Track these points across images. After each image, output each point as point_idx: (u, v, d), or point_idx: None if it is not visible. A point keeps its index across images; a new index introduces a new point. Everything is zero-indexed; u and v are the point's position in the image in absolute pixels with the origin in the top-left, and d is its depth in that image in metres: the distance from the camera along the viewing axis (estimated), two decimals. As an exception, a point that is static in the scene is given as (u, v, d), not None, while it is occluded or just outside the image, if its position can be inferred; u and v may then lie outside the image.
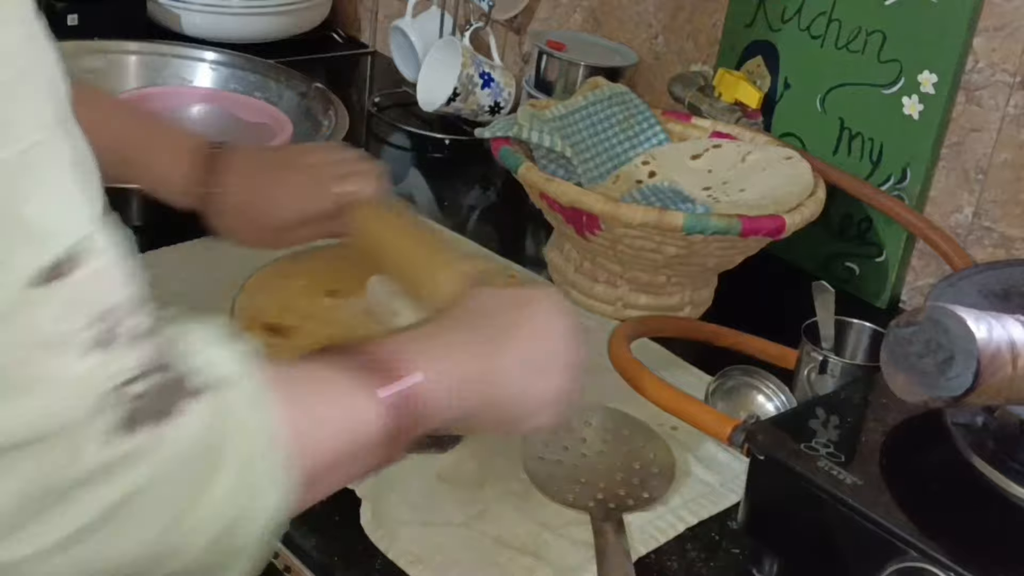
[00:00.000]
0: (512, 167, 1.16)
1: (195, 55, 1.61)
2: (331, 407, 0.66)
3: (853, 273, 1.34)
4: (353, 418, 0.66)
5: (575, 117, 1.30)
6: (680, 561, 0.89)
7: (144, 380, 0.53)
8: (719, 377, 1.04)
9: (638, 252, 1.12)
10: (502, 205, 1.51)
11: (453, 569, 0.84)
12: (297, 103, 1.54)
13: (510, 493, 0.92)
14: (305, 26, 1.88)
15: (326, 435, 0.64)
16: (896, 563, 0.75)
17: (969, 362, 0.71)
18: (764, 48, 1.38)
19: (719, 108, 1.36)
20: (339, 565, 0.85)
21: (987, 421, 0.84)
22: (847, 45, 1.30)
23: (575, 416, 1.00)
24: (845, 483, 0.79)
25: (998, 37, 1.20)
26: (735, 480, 0.96)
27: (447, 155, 1.61)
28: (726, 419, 0.89)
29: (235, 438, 0.56)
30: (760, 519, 0.86)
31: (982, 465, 0.81)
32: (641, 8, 1.56)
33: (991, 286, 0.94)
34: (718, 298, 1.25)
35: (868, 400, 0.91)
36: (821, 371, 1.02)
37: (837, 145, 1.33)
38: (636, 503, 0.92)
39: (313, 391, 0.66)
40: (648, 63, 1.55)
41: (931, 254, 1.28)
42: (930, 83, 1.23)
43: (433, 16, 1.71)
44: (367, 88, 1.85)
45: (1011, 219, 1.22)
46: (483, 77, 1.58)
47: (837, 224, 1.34)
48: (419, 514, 0.89)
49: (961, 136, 1.24)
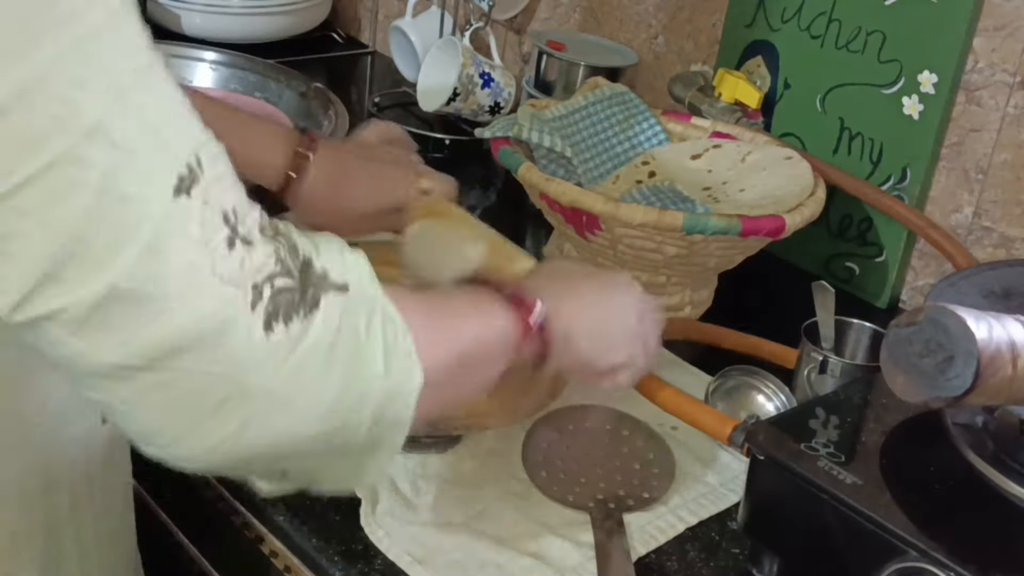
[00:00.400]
0: (512, 167, 1.16)
1: (195, 55, 1.62)
2: (471, 322, 0.72)
3: (853, 273, 1.34)
4: (493, 332, 0.73)
5: (575, 117, 1.30)
6: (680, 561, 0.89)
7: (288, 276, 0.58)
8: (719, 377, 1.04)
9: (638, 252, 1.12)
10: (502, 205, 1.51)
11: (453, 569, 0.84)
12: (297, 103, 1.54)
13: (510, 493, 0.92)
14: (305, 26, 1.88)
15: (459, 343, 0.70)
16: (896, 563, 0.75)
17: (969, 362, 0.71)
18: (764, 48, 1.38)
19: (719, 108, 1.36)
20: (339, 565, 0.85)
21: (987, 421, 0.84)
22: (847, 45, 1.30)
23: (575, 416, 1.00)
24: (845, 483, 0.79)
25: (998, 37, 1.20)
26: (735, 480, 0.96)
27: (447, 155, 1.61)
28: (726, 419, 0.89)
29: (376, 323, 0.61)
30: (760, 519, 0.86)
31: (982, 465, 0.81)
32: (641, 8, 1.56)
33: (991, 286, 0.94)
34: (718, 298, 1.24)
35: (868, 400, 0.91)
36: (821, 371, 1.02)
37: (837, 145, 1.33)
38: (636, 503, 0.92)
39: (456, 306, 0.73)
40: (648, 63, 1.55)
41: (931, 254, 1.28)
42: (930, 83, 1.23)
43: (433, 16, 1.71)
44: (367, 88, 1.85)
45: (1011, 219, 1.22)
46: (483, 77, 1.58)
47: (837, 224, 1.34)
48: (419, 514, 0.89)
49: (961, 136, 1.24)
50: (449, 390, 0.70)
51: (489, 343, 0.73)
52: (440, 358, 0.67)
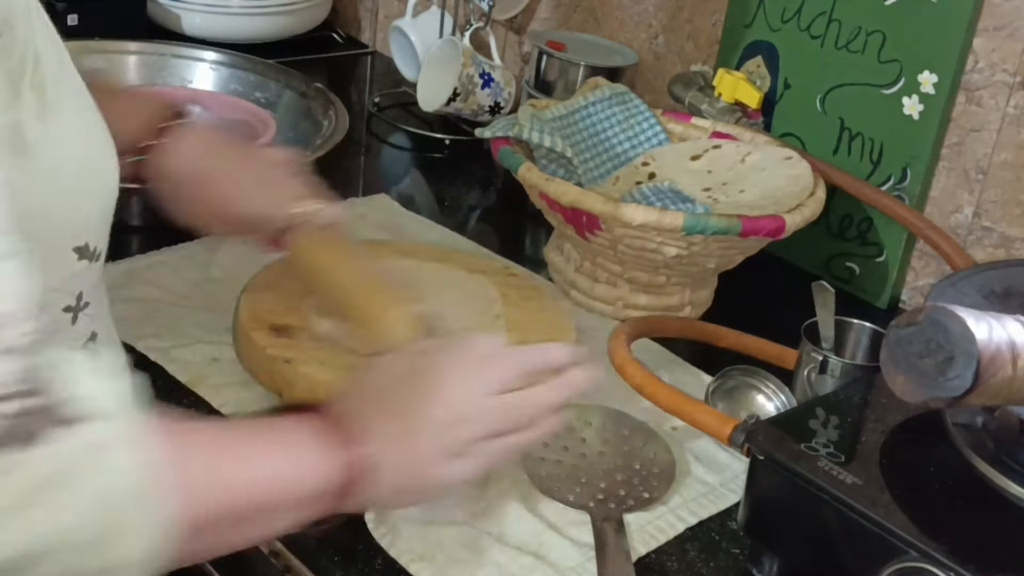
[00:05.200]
0: (512, 167, 1.16)
1: (195, 55, 1.62)
2: (272, 459, 0.66)
3: (853, 273, 1.34)
4: (301, 470, 0.67)
5: (575, 117, 1.30)
6: (680, 561, 0.89)
7: (17, 401, 0.52)
8: (719, 377, 1.04)
9: (638, 252, 1.12)
10: (502, 205, 1.51)
11: (453, 567, 0.85)
12: (297, 103, 1.54)
13: (512, 493, 0.92)
14: (305, 26, 1.88)
15: (245, 484, 0.64)
16: (896, 563, 0.75)
17: (969, 362, 0.71)
18: (764, 48, 1.38)
19: (719, 108, 1.36)
20: (339, 565, 0.85)
21: (987, 421, 0.84)
22: (847, 45, 1.30)
23: (575, 416, 1.00)
24: (845, 483, 0.79)
25: (998, 37, 1.20)
26: (735, 480, 0.96)
27: (447, 155, 1.61)
28: (726, 419, 0.89)
29: (102, 473, 0.55)
30: (760, 519, 0.86)
31: (982, 465, 0.81)
32: (641, 8, 1.56)
33: (991, 286, 0.94)
34: (718, 298, 1.25)
35: (868, 400, 0.91)
36: (821, 371, 1.02)
37: (837, 145, 1.33)
38: (636, 503, 0.92)
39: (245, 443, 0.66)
40: (648, 63, 1.55)
41: (931, 254, 1.28)
42: (930, 83, 1.23)
43: (433, 16, 1.71)
44: (367, 88, 1.85)
45: (1011, 219, 1.22)
46: (483, 77, 1.58)
47: (837, 224, 1.34)
48: (423, 512, 0.89)
49: (961, 136, 1.24)
50: (235, 531, 0.66)
51: (284, 492, 0.67)
52: (213, 502, 0.62)
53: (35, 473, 0.53)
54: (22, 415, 0.52)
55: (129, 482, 0.56)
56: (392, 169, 1.64)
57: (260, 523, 0.67)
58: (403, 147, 1.64)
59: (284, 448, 0.68)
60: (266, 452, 0.67)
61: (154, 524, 0.58)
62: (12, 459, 0.52)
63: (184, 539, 0.59)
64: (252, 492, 0.65)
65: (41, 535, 0.54)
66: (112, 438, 0.56)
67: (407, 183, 1.58)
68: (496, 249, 1.31)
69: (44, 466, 0.53)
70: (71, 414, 0.54)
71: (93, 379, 0.57)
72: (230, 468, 0.64)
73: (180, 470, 0.59)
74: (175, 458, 0.59)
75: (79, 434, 0.54)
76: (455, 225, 1.37)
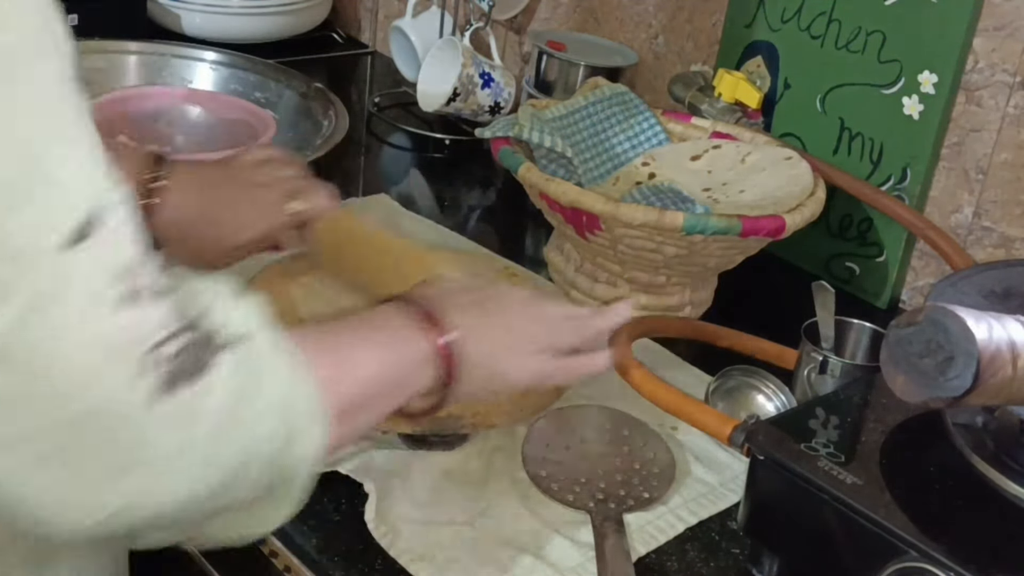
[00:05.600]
0: (512, 167, 1.16)
1: (195, 55, 1.62)
2: (378, 348, 0.71)
3: (853, 273, 1.34)
4: (401, 356, 0.72)
5: (575, 117, 1.30)
6: (680, 561, 0.89)
7: (175, 340, 0.55)
8: (719, 377, 1.04)
9: (638, 252, 1.12)
10: (502, 205, 1.51)
11: (453, 567, 0.85)
12: (297, 103, 1.54)
13: (512, 492, 0.92)
14: (305, 26, 1.88)
15: (365, 372, 0.69)
16: (896, 563, 0.75)
17: (969, 362, 0.71)
18: (764, 48, 1.38)
19: (719, 108, 1.36)
20: (339, 565, 0.85)
21: (987, 421, 0.84)
22: (847, 45, 1.30)
23: (575, 416, 1.00)
24: (845, 483, 0.79)
25: (998, 37, 1.20)
26: (735, 480, 0.96)
27: (447, 155, 1.61)
28: (726, 419, 0.89)
29: (266, 379, 0.59)
30: (760, 519, 0.86)
31: (982, 465, 0.81)
32: (641, 8, 1.56)
33: (991, 286, 0.94)
34: (718, 298, 1.25)
35: (868, 400, 0.91)
36: (821, 371, 1.02)
37: (837, 145, 1.33)
38: (636, 503, 0.92)
39: (356, 335, 0.71)
40: (648, 63, 1.55)
41: (931, 254, 1.28)
42: (930, 83, 1.23)
43: (433, 16, 1.71)
44: (367, 88, 1.85)
45: (1011, 219, 1.22)
46: (483, 77, 1.58)
47: (837, 224, 1.34)
48: (423, 512, 0.89)
49: (961, 136, 1.24)
50: (361, 418, 0.69)
51: (397, 367, 0.71)
52: (345, 393, 0.66)
53: (221, 396, 0.56)
54: (186, 350, 0.55)
55: (292, 386, 0.61)
56: (392, 169, 1.64)
57: (377, 408, 0.71)
58: (403, 147, 1.64)
59: (389, 333, 0.73)
60: (374, 341, 0.71)
61: (318, 419, 0.62)
62: (191, 393, 0.55)
63: (341, 428, 0.64)
64: (369, 379, 0.69)
65: (244, 449, 0.58)
66: (266, 351, 0.60)
67: (407, 183, 1.58)
68: (496, 249, 1.31)
69: (224, 389, 0.56)
70: (226, 337, 0.58)
71: (228, 302, 0.60)
72: (349, 361, 0.69)
73: (316, 369, 0.63)
74: (310, 359, 0.63)
75: (238, 353, 0.58)
76: (455, 225, 1.38)
